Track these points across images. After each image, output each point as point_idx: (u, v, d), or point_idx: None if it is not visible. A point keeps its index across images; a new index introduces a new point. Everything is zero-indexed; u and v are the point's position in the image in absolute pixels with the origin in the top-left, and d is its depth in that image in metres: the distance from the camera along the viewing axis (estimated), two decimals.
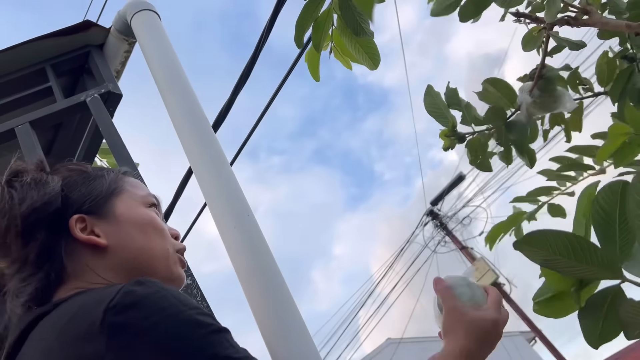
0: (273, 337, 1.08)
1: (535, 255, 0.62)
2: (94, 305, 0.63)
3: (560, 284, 0.69)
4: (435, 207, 11.93)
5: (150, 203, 0.89)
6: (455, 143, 1.42)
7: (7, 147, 1.56)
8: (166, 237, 0.86)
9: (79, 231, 0.79)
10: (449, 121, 1.36)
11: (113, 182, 0.87)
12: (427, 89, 1.42)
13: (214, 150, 1.35)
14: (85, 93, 1.53)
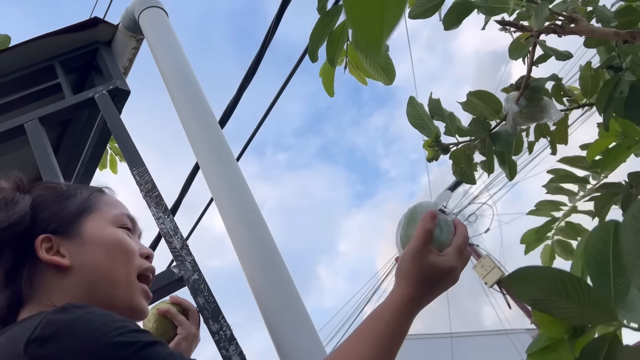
0: (279, 332, 1.09)
1: (524, 293, 0.57)
2: (18, 338, 0.62)
3: (553, 330, 0.65)
4: None
5: (122, 223, 0.86)
6: (440, 154, 1.42)
7: (16, 143, 1.58)
8: (131, 262, 0.82)
9: (43, 251, 0.78)
10: (432, 132, 1.36)
11: (85, 200, 0.85)
12: (409, 100, 1.42)
13: (221, 146, 1.36)
14: (94, 89, 1.54)
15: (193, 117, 1.39)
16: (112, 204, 0.89)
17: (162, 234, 1.27)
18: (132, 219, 0.89)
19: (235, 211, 1.25)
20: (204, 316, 1.11)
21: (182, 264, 1.19)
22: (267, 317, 1.11)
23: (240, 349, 1.05)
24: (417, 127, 1.39)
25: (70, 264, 0.78)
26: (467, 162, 1.43)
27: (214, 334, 1.08)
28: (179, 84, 1.44)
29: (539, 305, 0.56)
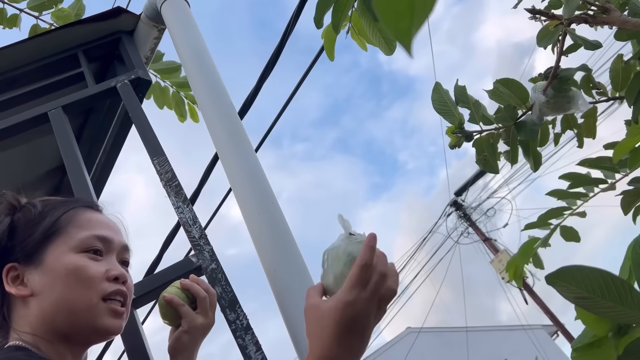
0: (295, 322, 1.10)
1: (568, 291, 0.56)
2: None
3: (597, 328, 0.64)
4: (459, 197, 11.82)
5: (87, 246, 0.83)
6: (462, 141, 1.40)
7: (40, 130, 1.61)
8: (92, 285, 0.80)
9: (9, 282, 0.80)
10: (456, 118, 1.34)
11: (52, 224, 0.84)
12: (435, 85, 1.41)
13: (240, 137, 1.36)
14: (116, 79, 1.56)
15: (213, 108, 1.40)
16: (83, 224, 0.86)
17: (181, 223, 1.29)
18: (104, 238, 0.85)
19: (253, 202, 1.26)
20: (221, 305, 1.12)
21: (201, 253, 1.20)
22: (283, 307, 1.12)
23: (256, 339, 1.07)
24: (441, 113, 1.38)
25: (32, 293, 0.79)
26: (491, 150, 1.41)
27: (231, 323, 1.09)
28: (200, 74, 1.45)
29: (582, 303, 0.56)
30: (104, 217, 0.91)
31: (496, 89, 1.38)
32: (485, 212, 11.48)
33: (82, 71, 1.65)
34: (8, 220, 0.84)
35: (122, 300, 0.83)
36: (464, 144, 1.46)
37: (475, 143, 1.47)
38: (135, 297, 1.14)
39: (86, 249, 0.83)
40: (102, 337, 0.82)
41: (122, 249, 0.88)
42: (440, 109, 1.41)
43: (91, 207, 0.91)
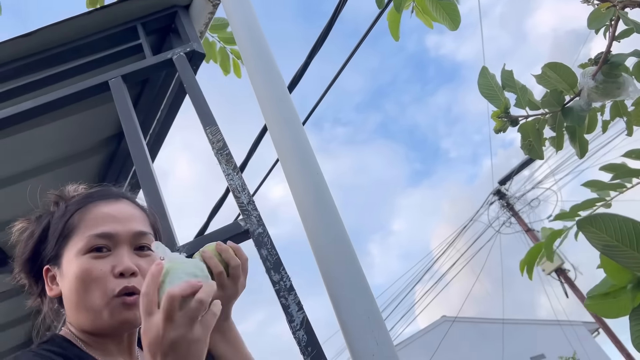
0: (338, 290, 1.14)
1: (597, 238, 0.57)
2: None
3: (618, 278, 0.65)
4: (503, 186, 11.60)
5: (90, 247, 0.85)
6: (508, 125, 1.39)
7: (99, 98, 1.70)
8: (98, 288, 0.83)
9: (48, 282, 0.89)
10: (502, 103, 1.34)
11: (64, 227, 0.89)
12: (482, 70, 1.40)
13: (289, 110, 1.41)
14: (172, 51, 1.63)
15: (263, 82, 1.45)
16: (90, 223, 0.89)
17: (230, 189, 1.35)
18: (106, 235, 0.87)
19: (299, 172, 1.30)
20: (266, 267, 1.18)
21: (249, 218, 1.26)
22: (326, 273, 1.17)
23: (298, 299, 1.12)
24: (487, 97, 1.39)
25: (60, 293, 0.88)
26: (536, 136, 1.41)
27: (275, 283, 1.15)
28: (252, 49, 1.49)
29: (609, 252, 0.57)
30: (114, 208, 0.92)
31: (544, 74, 1.36)
32: (529, 203, 11.24)
33: (141, 43, 1.73)
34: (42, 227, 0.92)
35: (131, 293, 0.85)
36: (511, 132, 1.46)
37: (520, 128, 1.46)
38: (187, 256, 1.21)
39: (90, 249, 0.85)
40: (122, 329, 0.87)
41: (133, 236, 0.89)
42: (486, 93, 1.42)
43: (104, 199, 0.94)
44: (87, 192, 0.99)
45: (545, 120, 1.46)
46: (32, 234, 0.93)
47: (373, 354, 1.05)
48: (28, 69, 1.77)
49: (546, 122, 1.48)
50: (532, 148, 1.50)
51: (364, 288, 1.12)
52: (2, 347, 2.97)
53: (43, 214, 0.96)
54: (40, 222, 0.94)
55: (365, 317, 1.09)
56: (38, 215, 0.96)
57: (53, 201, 0.97)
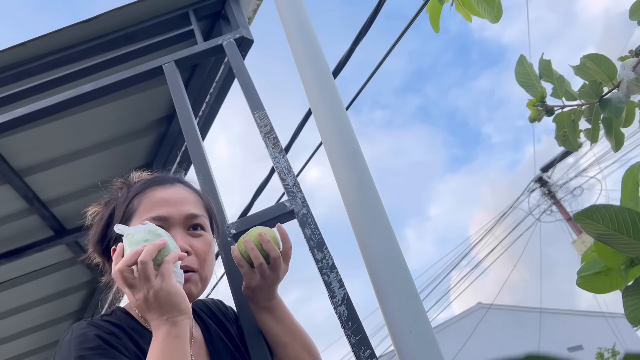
0: (377, 269, 1.20)
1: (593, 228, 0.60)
2: None
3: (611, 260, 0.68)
4: (545, 174, 11.36)
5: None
6: (543, 115, 1.40)
7: (153, 81, 1.80)
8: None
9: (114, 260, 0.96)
10: (538, 92, 1.35)
11: (126, 210, 1.01)
12: (519, 58, 1.41)
13: (333, 94, 1.46)
14: (222, 37, 1.70)
15: (309, 66, 1.50)
16: (147, 205, 1.00)
17: (277, 171, 1.42)
18: (161, 218, 0.97)
19: (342, 155, 1.36)
20: (310, 246, 1.24)
21: (294, 199, 1.33)
22: (365, 252, 1.23)
23: (339, 277, 1.18)
24: (523, 85, 1.41)
25: None
26: (571, 127, 1.42)
27: (318, 261, 1.21)
28: (300, 35, 1.55)
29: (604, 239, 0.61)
30: (169, 192, 1.03)
31: (583, 64, 1.37)
32: (571, 191, 10.97)
33: (192, 29, 1.81)
34: (109, 210, 1.04)
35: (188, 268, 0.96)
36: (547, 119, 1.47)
37: (555, 118, 1.47)
38: (236, 232, 1.29)
39: None
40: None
41: (186, 218, 1.00)
42: (523, 82, 1.43)
43: (160, 184, 1.05)
44: (147, 179, 1.09)
45: (581, 111, 1.47)
46: (102, 217, 1.05)
47: (410, 330, 1.11)
48: (88, 53, 1.88)
49: (582, 114, 1.48)
50: (566, 139, 1.50)
51: (403, 267, 1.17)
52: (58, 313, 3.18)
53: (111, 199, 1.07)
54: (107, 207, 1.06)
55: (403, 295, 1.14)
56: (107, 200, 1.08)
57: (119, 187, 1.08)
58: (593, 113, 1.46)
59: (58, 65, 1.86)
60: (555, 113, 1.49)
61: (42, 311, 3.04)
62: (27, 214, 2.48)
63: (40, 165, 2.25)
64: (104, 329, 0.88)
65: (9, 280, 2.75)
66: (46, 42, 1.85)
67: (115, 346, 0.86)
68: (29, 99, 1.79)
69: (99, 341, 0.85)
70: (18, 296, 2.88)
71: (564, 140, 1.54)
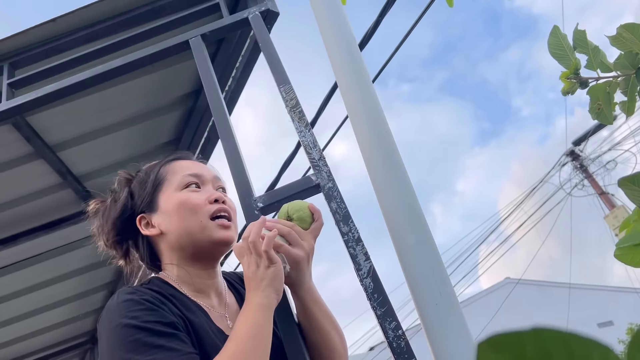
0: (404, 245, 1.20)
1: (637, 195, 0.59)
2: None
3: None
4: (577, 147, 11.08)
5: (186, 183, 1.06)
6: (577, 87, 1.35)
7: (180, 57, 1.80)
8: (198, 211, 1.02)
9: (142, 228, 1.06)
10: (572, 64, 1.30)
11: (156, 178, 1.08)
12: (552, 29, 1.36)
13: (360, 68, 1.45)
14: (248, 10, 1.69)
15: (335, 39, 1.48)
16: (177, 170, 1.09)
17: (302, 145, 1.42)
18: (196, 174, 1.07)
19: (369, 130, 1.35)
20: (336, 219, 1.25)
21: (320, 173, 1.33)
22: (392, 226, 1.23)
23: (365, 250, 1.19)
24: (556, 57, 1.37)
25: (160, 232, 1.04)
26: (606, 100, 1.37)
27: (344, 234, 1.22)
28: (325, 5, 1.53)
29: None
30: (192, 162, 1.14)
31: (619, 35, 1.32)
32: (604, 165, 10.70)
33: (218, 2, 1.80)
34: (127, 189, 1.11)
35: (226, 215, 1.04)
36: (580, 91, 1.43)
37: (590, 91, 1.42)
38: (264, 205, 1.30)
39: (185, 185, 1.06)
40: (221, 248, 1.04)
41: (214, 179, 1.11)
42: (556, 54, 1.39)
43: (181, 159, 1.14)
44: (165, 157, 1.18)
45: (617, 83, 1.42)
46: (115, 199, 1.11)
47: (436, 303, 1.11)
48: (116, 28, 1.90)
49: (618, 86, 1.43)
50: (600, 112, 1.46)
51: (429, 242, 1.17)
52: (92, 284, 3.29)
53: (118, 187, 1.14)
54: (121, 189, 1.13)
55: (429, 268, 1.14)
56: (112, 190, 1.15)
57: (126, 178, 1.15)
58: (629, 85, 1.41)
59: (87, 41, 1.88)
60: (590, 85, 1.45)
61: (77, 283, 3.15)
62: (61, 188, 2.55)
63: (72, 141, 2.30)
64: (148, 294, 0.93)
65: (45, 252, 2.85)
66: (75, 18, 1.87)
67: (162, 307, 0.91)
68: (60, 75, 1.82)
69: (147, 303, 0.90)
70: (55, 267, 2.98)
71: (599, 114, 1.49)
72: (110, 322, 0.88)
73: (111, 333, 0.87)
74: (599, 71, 1.46)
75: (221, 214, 1.04)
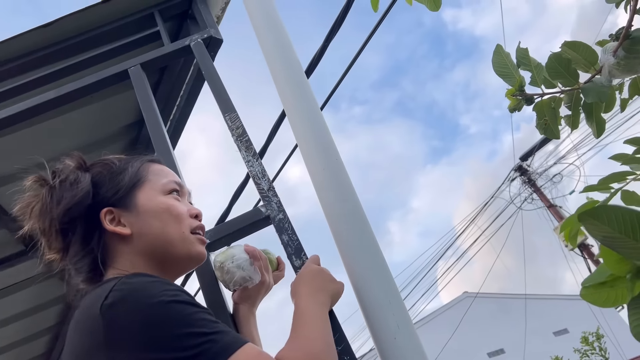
0: (358, 272, 1.16)
1: (598, 230, 0.56)
2: (96, 300, 0.74)
3: (617, 268, 0.65)
4: (524, 162, 11.45)
5: (170, 189, 0.97)
6: (522, 104, 1.37)
7: (119, 86, 1.72)
8: (182, 221, 0.94)
9: (107, 223, 0.91)
10: (516, 81, 1.32)
11: (135, 174, 0.97)
12: (496, 48, 1.38)
13: (306, 94, 1.41)
14: (190, 38, 1.63)
15: (281, 66, 1.45)
16: (160, 173, 1.00)
17: (251, 175, 1.36)
18: (179, 183, 1.00)
19: (318, 156, 1.31)
20: (288, 252, 1.19)
21: (269, 204, 1.28)
22: (346, 257, 1.18)
23: None
24: (501, 75, 1.38)
25: (131, 232, 0.91)
26: (552, 115, 1.39)
27: (297, 268, 1.17)
28: (270, 33, 1.49)
29: (609, 242, 0.57)
30: (171, 171, 1.05)
31: (563, 52, 1.34)
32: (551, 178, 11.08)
33: (158, 30, 1.74)
34: (89, 176, 0.94)
35: (201, 234, 0.98)
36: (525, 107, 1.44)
37: (535, 107, 1.44)
38: (210, 241, 1.23)
39: (170, 191, 0.97)
40: (193, 263, 0.97)
41: (189, 194, 1.05)
42: (500, 72, 1.40)
43: (157, 162, 1.05)
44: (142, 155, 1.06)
45: (561, 98, 1.44)
46: (70, 182, 0.93)
47: (395, 336, 1.06)
48: (49, 59, 1.80)
49: (562, 101, 1.46)
50: (547, 127, 1.48)
51: (384, 273, 1.13)
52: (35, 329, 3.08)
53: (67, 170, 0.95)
54: (75, 173, 0.94)
55: (386, 300, 1.10)
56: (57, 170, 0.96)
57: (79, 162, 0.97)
58: (573, 99, 1.43)
59: (17, 73, 1.77)
60: (535, 101, 1.46)
61: (17, 328, 2.94)
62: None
63: (4, 178, 2.16)
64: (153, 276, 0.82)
65: None
66: (6, 48, 1.76)
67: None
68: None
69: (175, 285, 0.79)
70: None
71: (546, 129, 1.50)
72: (145, 300, 0.72)
73: (154, 309, 0.71)
74: (543, 87, 1.48)
75: (199, 232, 0.98)
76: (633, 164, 1.62)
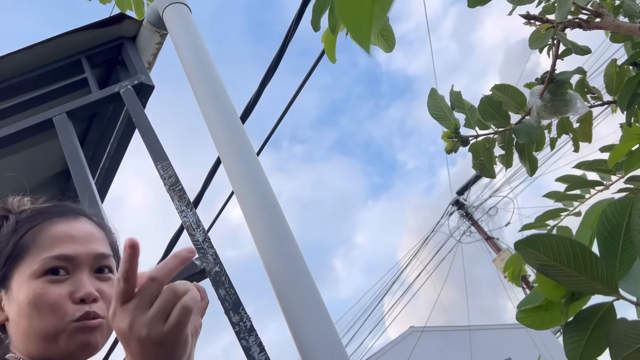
0: (297, 322, 1.11)
1: (534, 258, 0.58)
2: None
3: (552, 293, 0.66)
4: (461, 196, 11.82)
5: (47, 268, 0.78)
6: (458, 146, 1.43)
7: (45, 135, 1.64)
8: (57, 311, 0.76)
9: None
10: (451, 123, 1.37)
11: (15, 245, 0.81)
12: (430, 91, 1.44)
13: (242, 141, 1.38)
14: (119, 84, 1.58)
15: (215, 113, 1.42)
16: (46, 243, 0.81)
17: (184, 226, 1.31)
18: (65, 257, 0.79)
19: (255, 205, 1.28)
20: (225, 308, 1.14)
21: (204, 257, 1.22)
22: (285, 308, 1.14)
23: (259, 340, 1.08)
24: (437, 118, 1.41)
25: (7, 319, 0.79)
26: (487, 155, 1.44)
27: (235, 325, 1.11)
28: (202, 79, 1.47)
29: (546, 270, 0.58)
30: (74, 227, 0.85)
31: (494, 95, 1.40)
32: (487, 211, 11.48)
33: (86, 77, 1.68)
34: None
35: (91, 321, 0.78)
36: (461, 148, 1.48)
37: (471, 148, 1.49)
38: None
39: (45, 271, 0.78)
40: (81, 355, 0.79)
41: (94, 259, 0.83)
42: (436, 115, 1.44)
43: (61, 216, 0.86)
44: (42, 207, 0.89)
45: (495, 139, 1.49)
46: None
47: None
48: None
49: (496, 141, 1.51)
50: (483, 167, 1.52)
51: (329, 327, 1.09)
52: None
53: None
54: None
55: (330, 356, 1.06)
56: None
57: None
58: (506, 140, 1.49)
59: None
60: (470, 143, 1.51)
61: None
62: None
63: None
64: None
65: None
66: None
67: None
68: None
69: None
70: None
71: (482, 169, 1.55)
72: None
73: None
74: (477, 129, 1.53)
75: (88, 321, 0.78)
76: (565, 201, 1.70)
